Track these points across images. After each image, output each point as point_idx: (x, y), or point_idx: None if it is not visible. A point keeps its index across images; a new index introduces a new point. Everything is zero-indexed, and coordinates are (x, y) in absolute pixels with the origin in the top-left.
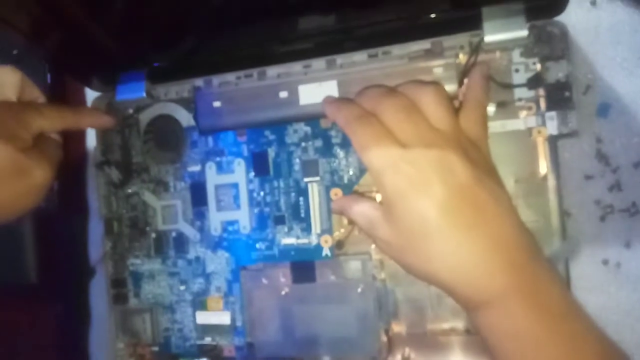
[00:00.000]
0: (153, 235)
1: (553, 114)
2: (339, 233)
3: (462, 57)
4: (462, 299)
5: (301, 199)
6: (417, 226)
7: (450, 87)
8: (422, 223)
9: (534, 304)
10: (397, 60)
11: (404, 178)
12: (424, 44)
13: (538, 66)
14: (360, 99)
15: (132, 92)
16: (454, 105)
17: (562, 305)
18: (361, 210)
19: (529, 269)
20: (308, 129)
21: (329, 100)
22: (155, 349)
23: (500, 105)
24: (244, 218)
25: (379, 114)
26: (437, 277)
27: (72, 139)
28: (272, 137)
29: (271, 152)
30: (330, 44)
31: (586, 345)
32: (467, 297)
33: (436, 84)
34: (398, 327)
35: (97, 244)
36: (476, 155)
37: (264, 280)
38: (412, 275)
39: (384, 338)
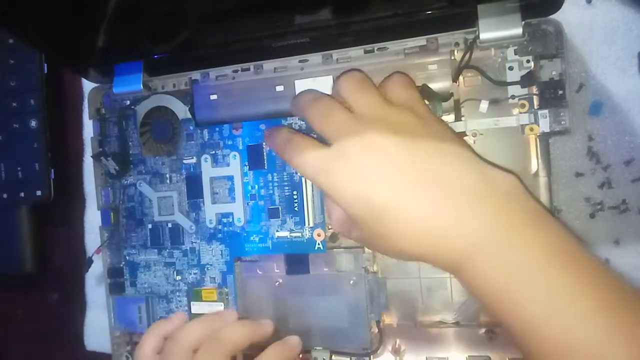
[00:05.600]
0: (149, 226)
1: (546, 111)
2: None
3: (457, 54)
4: (439, 264)
5: (295, 192)
6: (369, 216)
7: (445, 84)
8: (371, 211)
9: (504, 258)
10: (392, 56)
11: (336, 176)
12: (420, 41)
13: (532, 64)
14: (290, 106)
15: (129, 84)
16: (373, 85)
17: (548, 251)
18: (336, 217)
19: (501, 216)
20: (303, 123)
21: (266, 133)
22: None
23: (494, 102)
24: (238, 210)
25: (307, 121)
26: (409, 252)
27: (70, 129)
28: None
29: (266, 146)
30: (326, 39)
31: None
32: (441, 262)
33: (351, 70)
34: (389, 319)
35: (94, 234)
36: (408, 119)
37: (259, 271)
38: (393, 258)
39: (375, 329)
